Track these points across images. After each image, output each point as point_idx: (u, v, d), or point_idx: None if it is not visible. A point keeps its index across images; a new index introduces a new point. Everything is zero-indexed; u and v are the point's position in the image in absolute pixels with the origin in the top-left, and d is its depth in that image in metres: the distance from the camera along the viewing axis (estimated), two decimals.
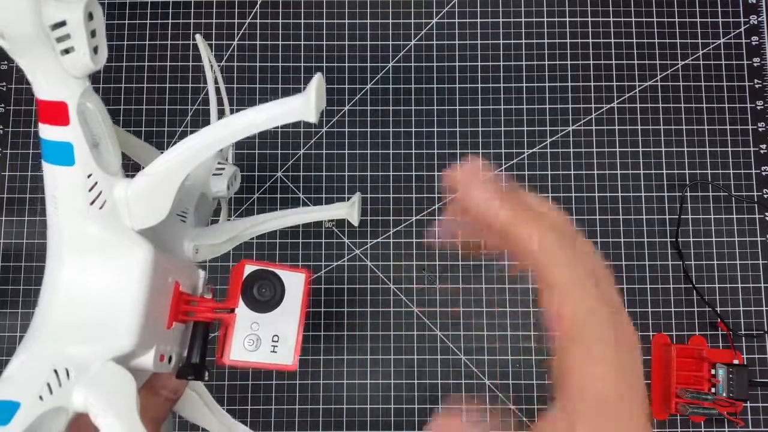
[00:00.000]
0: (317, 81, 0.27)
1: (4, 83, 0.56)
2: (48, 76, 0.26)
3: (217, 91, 0.46)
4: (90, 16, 0.25)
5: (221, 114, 0.48)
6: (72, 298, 0.28)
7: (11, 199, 0.54)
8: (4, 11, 0.24)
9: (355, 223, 0.46)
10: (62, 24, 0.25)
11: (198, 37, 0.43)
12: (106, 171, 0.29)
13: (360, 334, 0.52)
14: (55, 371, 0.25)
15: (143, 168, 0.30)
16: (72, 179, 0.28)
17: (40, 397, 0.24)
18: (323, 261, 0.53)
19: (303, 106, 0.27)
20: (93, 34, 0.26)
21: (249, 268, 0.35)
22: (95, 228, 0.29)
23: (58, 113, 0.27)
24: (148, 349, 0.30)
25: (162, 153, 0.30)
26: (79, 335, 0.27)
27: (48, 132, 0.27)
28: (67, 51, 0.25)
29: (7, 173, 0.54)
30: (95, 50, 0.26)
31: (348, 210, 0.45)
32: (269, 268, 0.35)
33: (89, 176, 0.28)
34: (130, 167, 0.37)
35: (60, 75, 0.26)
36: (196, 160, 0.29)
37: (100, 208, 0.29)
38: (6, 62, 0.56)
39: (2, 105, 0.55)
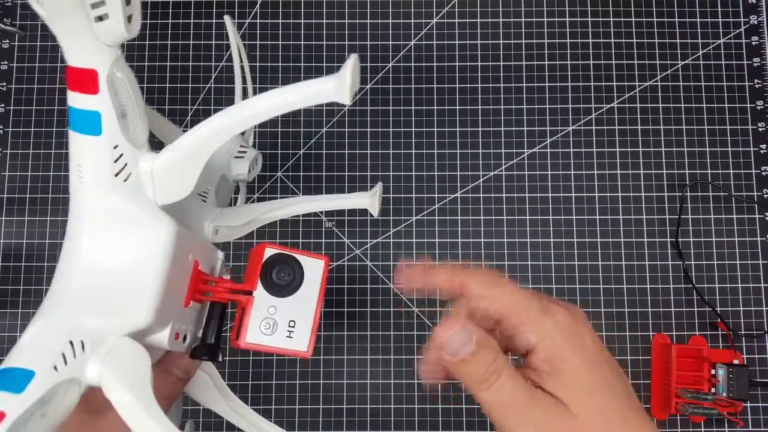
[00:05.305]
0: (353, 62, 0.26)
1: (4, 83, 0.56)
2: (80, 42, 0.26)
3: (242, 69, 0.46)
4: None
5: (245, 95, 0.48)
6: (91, 269, 0.28)
7: (11, 199, 0.54)
8: None
9: (375, 213, 0.45)
10: None
11: (226, 18, 0.43)
12: (132, 143, 0.28)
13: (360, 334, 0.52)
14: (71, 342, 0.25)
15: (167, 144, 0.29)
16: (98, 149, 0.28)
17: (55, 368, 0.24)
18: None
19: (338, 87, 0.26)
20: (128, 2, 0.25)
21: (269, 252, 0.35)
22: (119, 200, 0.28)
23: (88, 81, 0.27)
24: (164, 326, 0.29)
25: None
26: (96, 308, 0.27)
27: (76, 100, 0.27)
28: (101, 18, 0.25)
29: (7, 173, 0.54)
30: (129, 19, 0.26)
31: (370, 200, 0.45)
32: (290, 253, 0.35)
33: (115, 147, 0.28)
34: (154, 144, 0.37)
35: (92, 42, 0.26)
36: (224, 137, 0.28)
37: (125, 180, 0.28)
38: (6, 62, 0.56)
39: (2, 105, 0.55)
